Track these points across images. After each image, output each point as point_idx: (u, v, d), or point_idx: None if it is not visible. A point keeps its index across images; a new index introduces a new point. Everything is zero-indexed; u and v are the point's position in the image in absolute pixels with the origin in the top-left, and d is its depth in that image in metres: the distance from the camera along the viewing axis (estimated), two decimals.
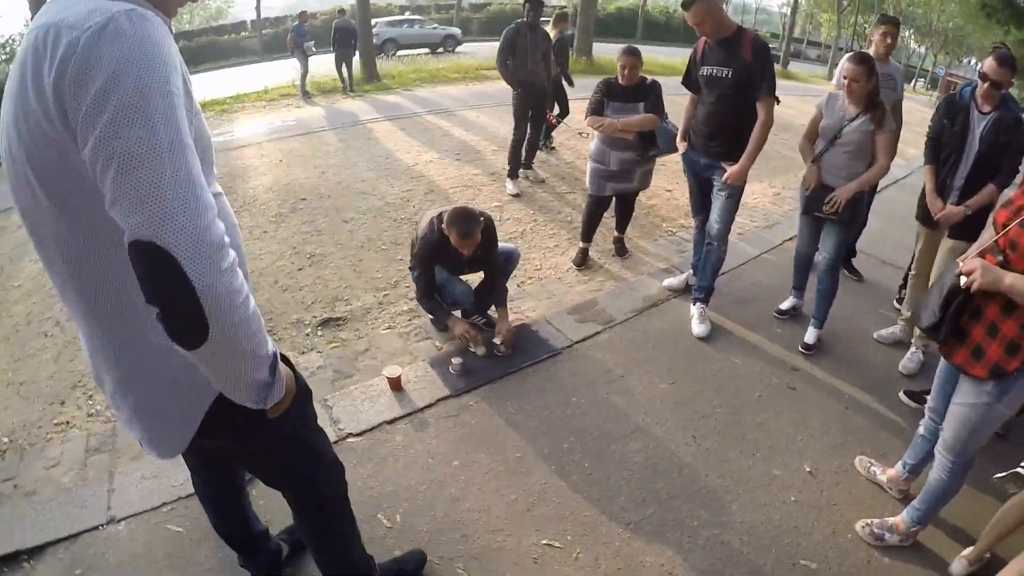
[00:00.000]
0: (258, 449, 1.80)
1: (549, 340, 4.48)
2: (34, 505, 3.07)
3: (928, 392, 3.00)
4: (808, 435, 3.68)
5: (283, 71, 17.43)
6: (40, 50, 1.21)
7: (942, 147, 3.99)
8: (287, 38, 15.81)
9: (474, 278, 4.69)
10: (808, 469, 3.42)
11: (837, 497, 3.26)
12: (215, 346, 1.26)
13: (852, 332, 4.79)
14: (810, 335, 4.49)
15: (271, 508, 2.94)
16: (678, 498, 3.21)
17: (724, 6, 4.41)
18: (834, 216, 4.09)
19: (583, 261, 5.72)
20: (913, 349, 4.37)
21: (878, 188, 5.20)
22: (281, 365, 1.55)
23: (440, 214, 4.07)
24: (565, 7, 7.85)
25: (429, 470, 3.35)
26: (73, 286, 1.43)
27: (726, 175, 4.24)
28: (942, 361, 2.74)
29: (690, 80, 4.47)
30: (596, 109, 5.21)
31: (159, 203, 1.16)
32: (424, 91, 13.84)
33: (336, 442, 3.44)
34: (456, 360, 4.08)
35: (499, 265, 4.44)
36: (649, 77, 5.29)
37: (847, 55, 4.20)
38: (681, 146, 4.64)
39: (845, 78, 3.93)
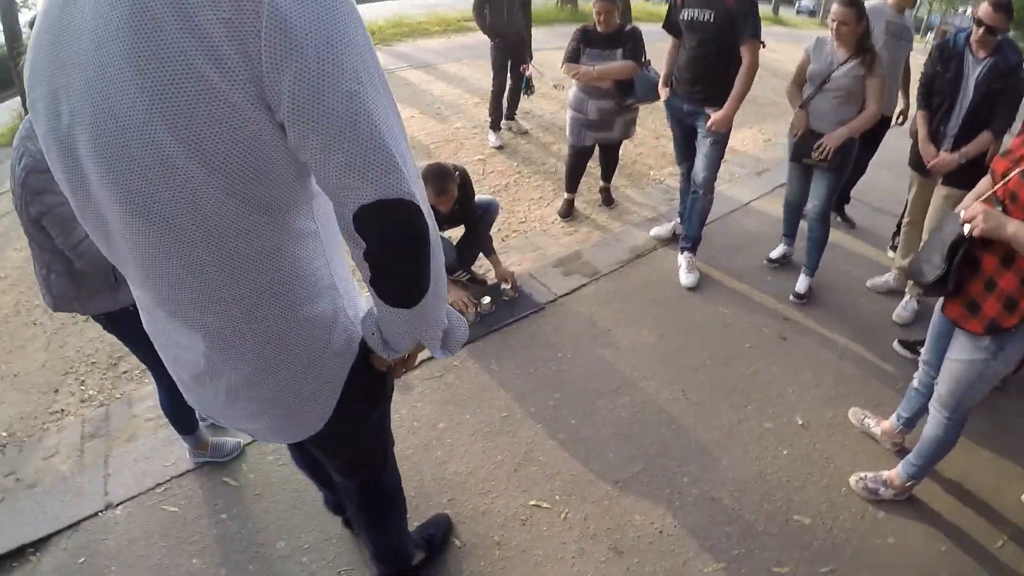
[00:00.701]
0: (345, 432, 1.65)
1: (533, 295, 4.36)
2: (35, 497, 3.05)
3: (923, 342, 2.89)
4: (800, 386, 3.58)
5: None
6: None
7: (935, 93, 3.84)
8: None
9: (455, 233, 4.56)
10: (800, 422, 3.33)
11: (830, 450, 3.17)
12: (429, 296, 1.22)
13: (844, 281, 4.68)
14: (801, 283, 4.37)
15: None
16: (667, 454, 3.12)
17: None
18: (823, 163, 3.96)
19: (568, 212, 5.59)
20: (907, 298, 4.27)
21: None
22: (453, 309, 1.49)
23: None
24: None
25: (414, 433, 3.28)
26: (214, 263, 1.18)
27: (711, 121, 4.08)
28: (936, 313, 2.63)
29: (671, 24, 4.30)
30: (572, 56, 5.00)
31: (401, 160, 1.09)
32: (404, 46, 13.43)
33: None
34: (485, 299, 4.12)
35: (479, 217, 4.31)
36: (629, 24, 5.09)
37: None
38: (663, 92, 4.47)
39: (833, 21, 3.76)
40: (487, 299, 4.12)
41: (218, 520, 2.81)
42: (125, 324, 2.54)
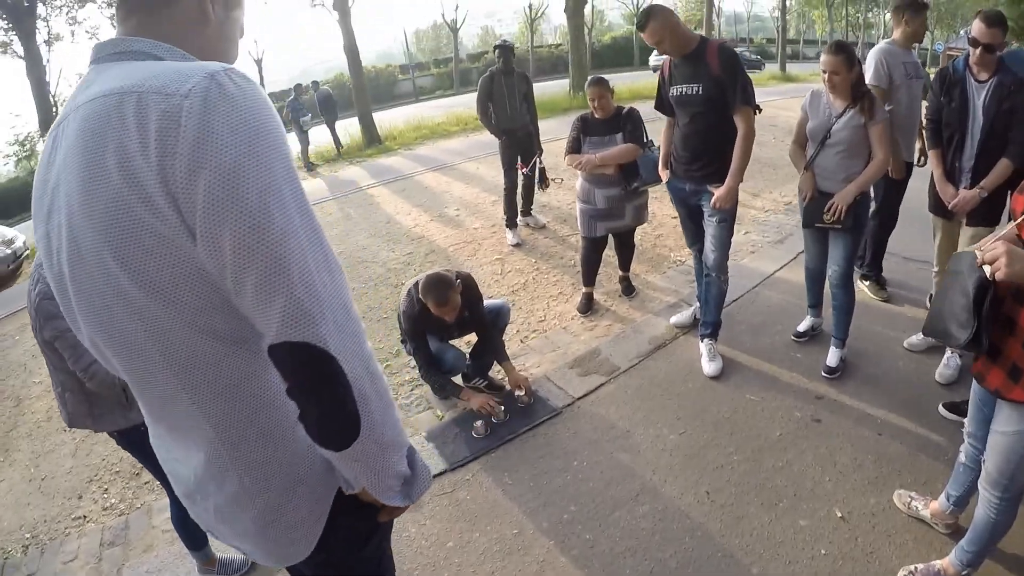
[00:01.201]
0: (336, 561, 1.58)
1: (549, 400, 4.17)
2: None
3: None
4: (837, 473, 3.27)
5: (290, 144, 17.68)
6: (116, 122, 1.03)
7: (943, 127, 3.63)
8: (282, 112, 16.13)
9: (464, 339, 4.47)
10: (839, 514, 3.00)
11: (875, 543, 2.84)
12: (365, 441, 1.18)
13: (879, 345, 4.35)
14: (832, 356, 4.08)
15: None
16: (689, 566, 2.84)
17: (715, 16, 4.12)
18: (837, 225, 3.73)
19: (588, 307, 5.43)
20: (949, 353, 3.93)
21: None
22: (418, 455, 1.45)
23: (416, 283, 3.85)
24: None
25: (421, 553, 3.14)
26: (186, 394, 1.22)
27: (714, 199, 3.90)
28: (975, 382, 2.36)
29: (662, 103, 4.19)
30: (573, 147, 4.98)
31: (314, 302, 1.06)
32: (425, 148, 13.85)
33: None
34: (478, 423, 3.91)
35: (489, 322, 4.19)
36: (626, 106, 5.04)
37: (825, 47, 3.86)
38: (664, 174, 4.33)
39: (824, 72, 3.60)
40: (480, 422, 3.94)
41: None
42: (136, 441, 2.65)
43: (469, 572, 2.99)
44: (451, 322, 3.90)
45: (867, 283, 5.11)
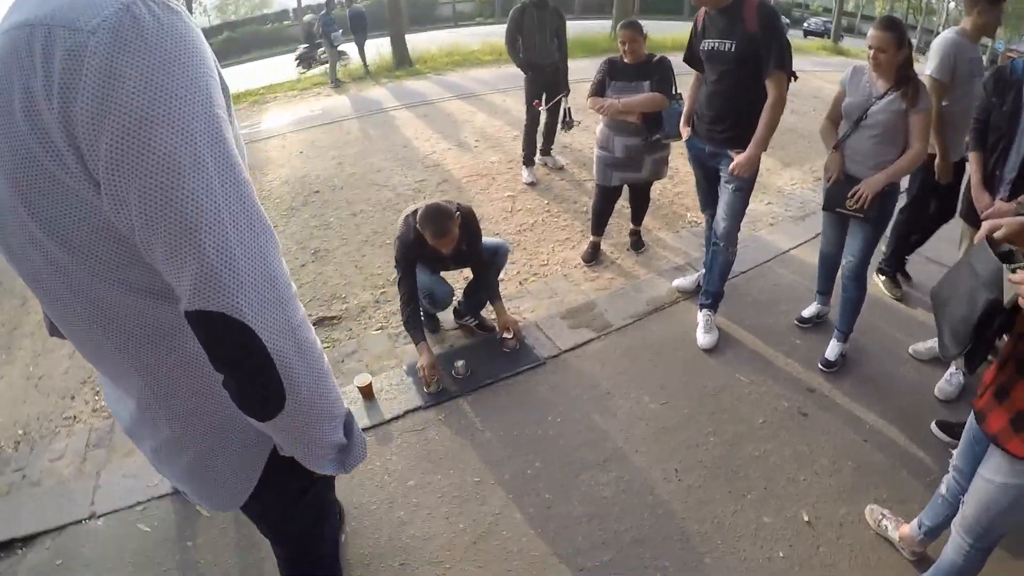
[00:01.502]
0: (273, 506, 1.60)
1: (535, 348, 4.05)
2: (35, 495, 3.27)
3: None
4: (813, 474, 3.14)
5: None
6: (25, 60, 0.89)
7: (990, 130, 3.38)
8: (313, 26, 15.82)
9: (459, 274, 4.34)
10: (806, 518, 2.88)
11: (836, 555, 2.72)
12: (291, 413, 1.12)
13: (885, 345, 4.16)
14: (832, 350, 3.92)
15: None
16: (643, 543, 2.75)
17: None
18: (859, 213, 3.52)
19: (593, 256, 5.27)
20: (953, 369, 3.74)
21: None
22: (356, 423, 1.39)
23: (415, 211, 3.67)
24: None
25: (382, 488, 3.11)
26: (111, 344, 1.17)
27: (732, 164, 3.69)
28: (972, 420, 2.20)
29: (692, 56, 3.92)
30: (597, 90, 4.73)
31: (229, 269, 0.96)
32: (455, 75, 13.53)
33: None
34: (459, 363, 3.80)
35: (486, 260, 4.02)
36: (657, 54, 4.76)
37: (874, 22, 3.56)
38: (684, 132, 4.09)
39: (870, 47, 3.33)
40: (461, 362, 3.82)
41: (183, 547, 2.90)
42: None
43: (424, 513, 2.95)
44: (447, 255, 3.75)
45: (883, 278, 4.89)
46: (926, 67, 4.04)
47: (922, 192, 4.49)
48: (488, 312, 4.32)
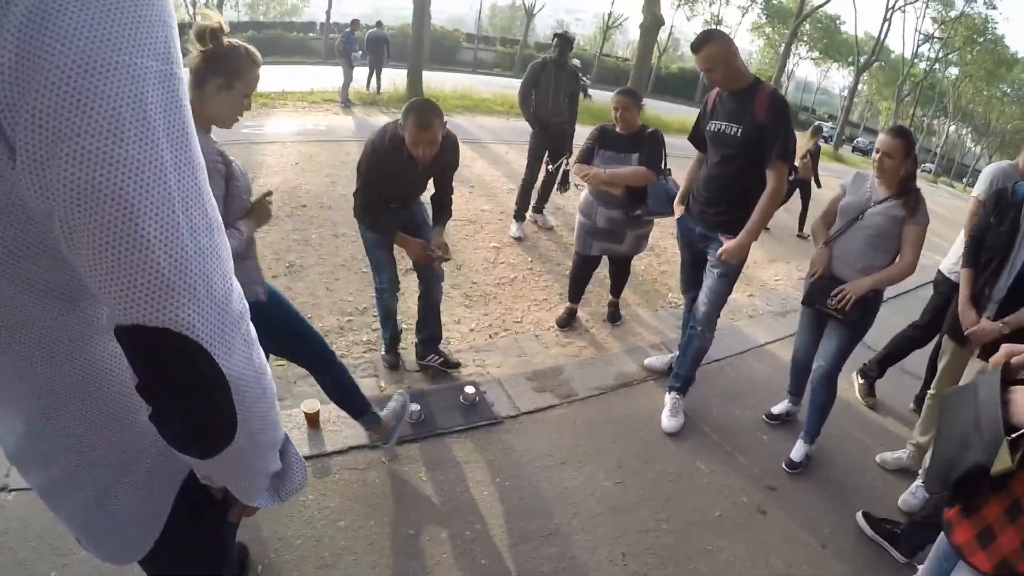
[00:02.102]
0: (177, 551, 1.28)
1: (494, 405, 3.90)
2: None
3: (890, 521, 2.29)
4: (767, 575, 2.99)
5: (336, 76, 17.46)
6: None
7: (984, 250, 3.34)
8: (336, 43, 15.94)
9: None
10: None
11: None
12: (240, 446, 0.93)
13: (851, 451, 4.05)
14: (797, 451, 3.80)
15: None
16: None
17: (784, 79, 3.77)
18: (839, 314, 3.44)
19: (568, 323, 5.16)
20: (918, 482, 3.63)
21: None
22: (293, 446, 1.20)
23: (395, 120, 3.48)
24: (819, 123, 8.58)
25: (310, 524, 2.92)
26: (2, 354, 0.94)
27: (721, 249, 3.62)
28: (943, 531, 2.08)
29: (697, 135, 3.89)
30: (585, 156, 4.64)
31: (179, 273, 0.77)
32: (462, 118, 13.63)
33: None
34: (415, 407, 3.60)
35: (450, 192, 3.97)
36: (651, 127, 4.70)
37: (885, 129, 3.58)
38: (678, 210, 4.03)
39: (877, 151, 3.32)
40: (416, 407, 3.63)
41: None
42: None
43: (350, 559, 2.76)
44: (420, 165, 3.47)
45: (861, 381, 4.82)
46: (974, 190, 4.15)
47: (937, 317, 4.43)
48: (447, 343, 4.23)
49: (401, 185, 3.66)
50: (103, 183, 0.70)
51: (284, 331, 2.82)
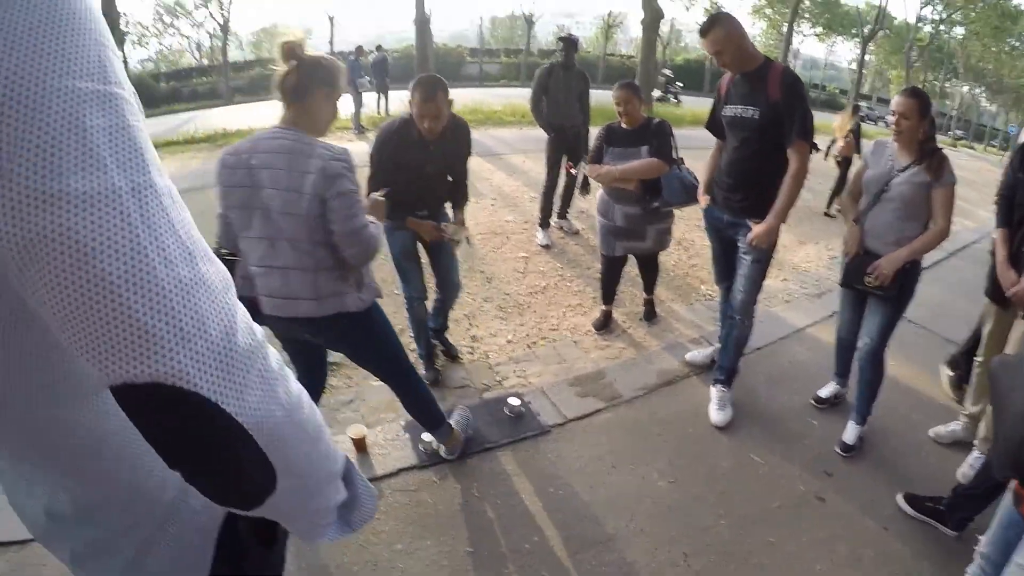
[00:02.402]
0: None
1: (540, 415, 3.88)
2: (5, 503, 3.08)
3: (935, 498, 2.24)
4: (831, 564, 2.93)
5: (346, 104, 17.63)
6: None
7: (1016, 207, 3.27)
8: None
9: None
10: None
11: None
12: (285, 491, 0.80)
13: (904, 428, 3.98)
14: (849, 433, 3.74)
15: None
16: None
17: (791, 58, 3.73)
18: (878, 290, 3.38)
19: (604, 324, 5.14)
20: (976, 453, 3.55)
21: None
22: (358, 472, 1.08)
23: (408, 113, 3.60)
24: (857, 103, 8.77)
25: (365, 548, 2.90)
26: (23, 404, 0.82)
27: (750, 235, 3.58)
28: (1007, 503, 2.04)
29: (714, 122, 3.85)
30: (595, 157, 4.62)
31: (156, 314, 0.63)
32: (476, 133, 13.51)
33: None
34: (426, 436, 3.55)
35: (466, 176, 4.05)
36: (656, 117, 4.65)
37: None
38: (703, 200, 3.98)
39: (893, 113, 3.25)
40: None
41: None
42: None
43: None
44: (430, 138, 3.51)
45: (951, 373, 4.55)
46: None
47: None
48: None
49: (414, 173, 3.64)
50: (47, 226, 0.59)
51: (376, 352, 2.94)
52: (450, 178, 3.93)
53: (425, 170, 3.65)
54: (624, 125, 4.53)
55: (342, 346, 2.95)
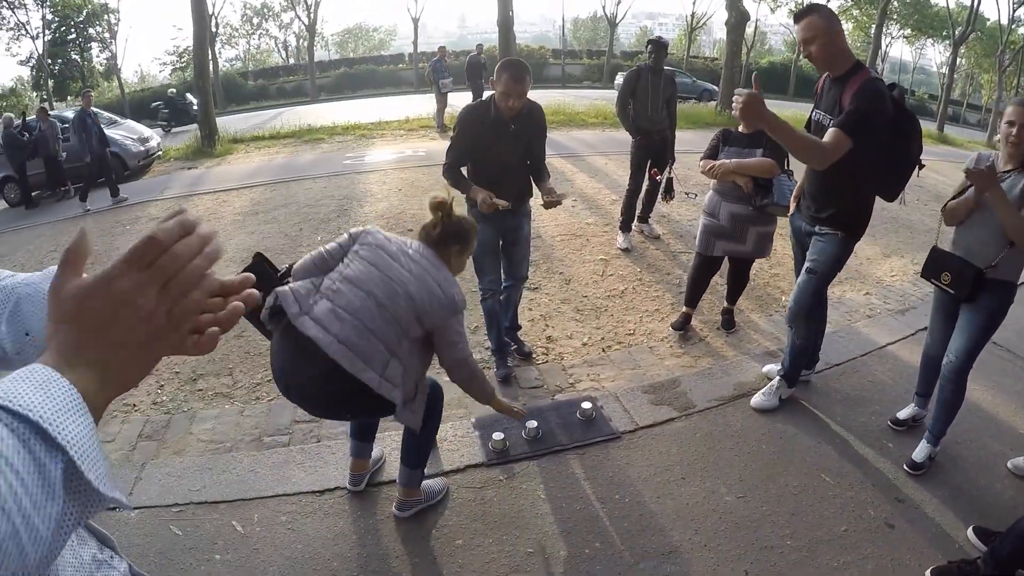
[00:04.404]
0: None
1: (612, 420, 3.91)
2: None
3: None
4: None
5: (429, 103, 17.84)
6: None
7: None
8: (426, 72, 16.48)
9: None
10: None
11: None
12: None
13: (981, 457, 3.80)
14: (920, 451, 3.61)
15: None
16: None
17: (879, 61, 3.58)
18: (950, 289, 3.31)
19: (683, 326, 5.16)
20: None
21: None
22: None
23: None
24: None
25: (426, 542, 3.02)
26: None
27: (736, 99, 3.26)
28: None
29: (808, 124, 3.69)
30: (710, 154, 4.70)
31: None
32: (558, 134, 13.65)
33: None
34: (531, 423, 3.68)
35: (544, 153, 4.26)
36: None
37: (1013, 99, 3.31)
38: (792, 205, 3.96)
39: (1011, 124, 3.09)
40: (533, 423, 3.71)
41: (210, 559, 2.93)
42: None
43: None
44: (511, 118, 3.85)
45: None
46: None
47: None
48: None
49: (492, 150, 3.94)
50: None
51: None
52: (528, 162, 4.14)
53: (501, 146, 3.89)
54: (741, 129, 4.58)
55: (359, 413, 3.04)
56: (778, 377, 4.11)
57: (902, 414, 4.03)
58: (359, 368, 2.49)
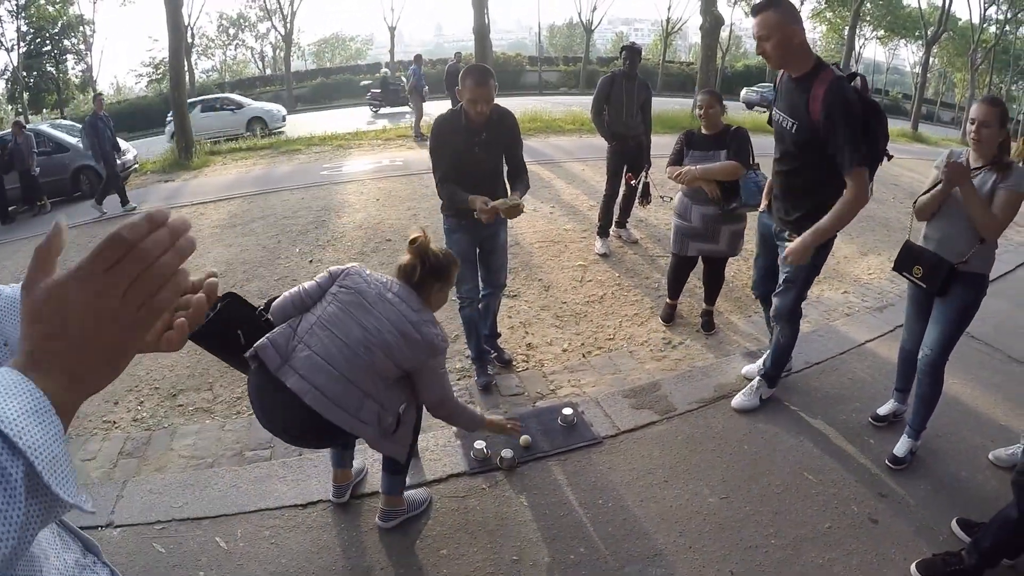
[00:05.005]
0: None
1: (593, 425, 3.91)
2: None
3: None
4: None
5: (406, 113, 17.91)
6: None
7: None
8: (407, 80, 16.53)
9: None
10: None
11: None
12: None
13: (961, 449, 3.83)
14: (901, 446, 3.64)
15: None
16: None
17: (853, 63, 3.59)
18: (922, 283, 3.35)
19: (671, 317, 5.35)
20: None
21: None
22: None
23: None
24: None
25: (411, 553, 3.00)
26: None
27: (786, 251, 3.49)
28: None
29: (769, 121, 3.66)
30: (675, 159, 4.79)
31: None
32: (535, 141, 13.73)
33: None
34: (507, 453, 3.58)
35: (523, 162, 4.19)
36: (735, 124, 4.79)
37: (979, 99, 3.35)
38: (764, 202, 3.98)
39: (973, 121, 3.16)
40: (526, 436, 3.69)
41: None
42: None
43: None
44: (481, 123, 3.82)
45: None
46: None
47: None
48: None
49: (467, 159, 3.89)
50: None
51: None
52: (507, 169, 4.14)
53: (476, 154, 3.86)
54: (704, 130, 4.67)
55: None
56: (758, 377, 4.12)
57: (882, 410, 4.06)
58: (334, 413, 2.54)
